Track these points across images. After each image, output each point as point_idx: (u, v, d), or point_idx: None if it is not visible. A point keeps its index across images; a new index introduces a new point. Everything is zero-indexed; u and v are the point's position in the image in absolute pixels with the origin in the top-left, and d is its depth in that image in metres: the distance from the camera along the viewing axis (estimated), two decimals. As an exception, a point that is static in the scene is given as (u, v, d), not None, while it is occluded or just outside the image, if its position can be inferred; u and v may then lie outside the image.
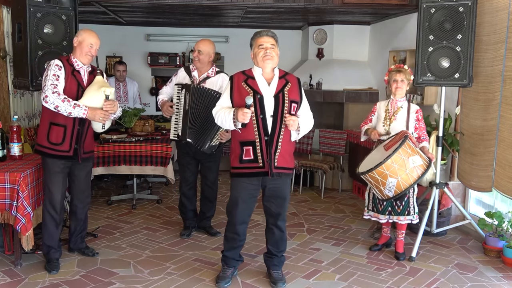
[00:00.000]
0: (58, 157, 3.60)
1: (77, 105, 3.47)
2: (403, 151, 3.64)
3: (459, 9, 4.04)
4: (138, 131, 5.52)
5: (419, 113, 4.01)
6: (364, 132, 4.20)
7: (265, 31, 3.32)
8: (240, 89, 3.26)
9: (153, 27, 7.87)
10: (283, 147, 3.26)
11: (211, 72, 4.26)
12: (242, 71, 3.38)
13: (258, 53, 3.26)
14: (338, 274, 3.70)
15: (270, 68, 3.30)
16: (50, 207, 3.63)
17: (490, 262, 4.00)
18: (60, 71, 3.50)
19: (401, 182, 3.67)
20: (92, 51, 3.60)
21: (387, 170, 3.63)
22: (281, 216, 3.43)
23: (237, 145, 3.31)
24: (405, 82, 4.00)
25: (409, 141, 3.70)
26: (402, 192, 3.71)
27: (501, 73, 3.94)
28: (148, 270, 3.72)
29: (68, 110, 3.44)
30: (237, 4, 5.19)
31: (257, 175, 3.28)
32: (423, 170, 3.70)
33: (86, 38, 3.57)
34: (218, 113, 3.33)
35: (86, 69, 3.66)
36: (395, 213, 3.99)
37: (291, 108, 3.26)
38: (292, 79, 3.35)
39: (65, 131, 3.57)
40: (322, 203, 5.79)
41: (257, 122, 3.22)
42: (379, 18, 6.44)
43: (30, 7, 3.95)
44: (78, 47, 3.57)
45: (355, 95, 6.65)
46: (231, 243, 3.49)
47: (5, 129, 4.02)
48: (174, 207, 5.40)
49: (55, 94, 3.41)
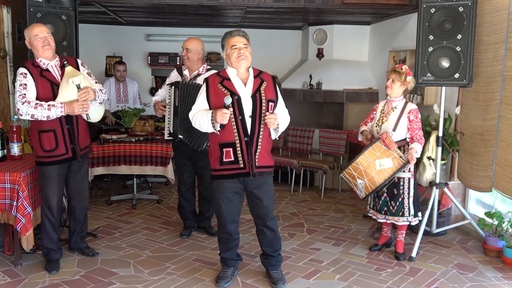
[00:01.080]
0: (56, 162, 3.55)
1: (52, 105, 3.37)
2: (369, 153, 3.75)
3: (459, 9, 4.04)
4: (138, 131, 5.52)
5: (412, 113, 3.90)
6: (360, 133, 4.21)
7: (236, 31, 3.29)
8: (217, 90, 3.24)
9: (153, 27, 7.87)
10: (263, 146, 3.27)
11: (201, 69, 4.27)
12: (216, 73, 3.37)
13: (232, 53, 3.23)
14: (338, 274, 3.70)
15: (244, 68, 3.28)
16: (47, 211, 3.63)
17: (490, 262, 4.00)
18: (26, 78, 3.40)
19: (368, 184, 3.79)
20: (45, 41, 3.43)
21: (354, 171, 3.79)
22: (269, 216, 3.41)
23: (216, 147, 3.28)
24: (396, 82, 3.92)
25: (380, 144, 3.75)
26: (370, 193, 3.83)
27: (501, 73, 3.93)
28: (148, 270, 3.72)
29: (45, 114, 3.36)
30: (237, 4, 5.19)
31: (239, 176, 3.28)
32: (391, 172, 3.75)
33: (29, 34, 3.46)
34: (195, 116, 3.29)
35: (55, 64, 3.54)
36: (390, 213, 3.99)
37: (269, 107, 3.26)
38: (267, 78, 3.34)
39: (55, 135, 3.51)
40: (322, 203, 5.79)
41: (236, 123, 3.20)
42: (379, 18, 6.44)
43: (30, 7, 3.95)
44: (32, 47, 3.47)
45: (355, 95, 6.65)
46: (226, 244, 3.49)
47: (5, 129, 4.02)
48: (174, 207, 5.40)
49: (25, 104, 3.33)
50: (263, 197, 3.35)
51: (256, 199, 3.37)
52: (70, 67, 3.54)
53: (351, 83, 6.73)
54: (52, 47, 3.50)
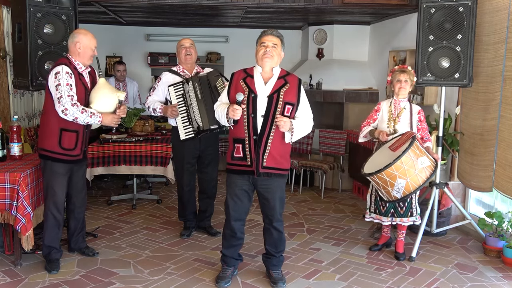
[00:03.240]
0: (71, 161, 3.63)
1: (93, 113, 3.50)
2: (412, 152, 3.61)
3: (459, 9, 4.04)
4: (138, 131, 5.52)
5: (421, 113, 3.99)
6: (367, 133, 4.14)
7: (271, 31, 3.30)
8: (237, 86, 3.29)
9: (153, 27, 7.87)
10: (273, 147, 3.25)
11: (198, 68, 4.34)
12: (243, 69, 3.38)
13: (259, 51, 3.26)
14: (338, 274, 3.70)
15: (269, 67, 3.28)
16: (54, 208, 3.63)
17: (490, 262, 4.00)
18: (71, 79, 3.48)
19: (410, 183, 3.64)
20: (94, 55, 3.62)
21: (396, 171, 3.60)
22: (275, 218, 3.41)
23: (231, 141, 3.35)
24: (409, 82, 3.97)
25: (417, 142, 3.69)
26: (411, 193, 3.68)
27: (501, 73, 3.94)
28: (148, 270, 3.72)
29: (86, 120, 3.47)
30: (237, 4, 5.19)
31: (246, 173, 3.30)
32: (431, 170, 3.68)
33: (89, 43, 3.57)
34: (217, 108, 3.41)
35: (86, 70, 3.66)
36: (397, 215, 3.99)
37: (285, 110, 3.24)
38: (292, 80, 3.32)
39: (77, 136, 3.61)
40: (322, 203, 5.79)
41: (247, 120, 3.23)
42: (379, 18, 6.45)
43: (30, 7, 3.94)
44: (82, 52, 3.55)
45: (355, 95, 6.65)
46: (229, 241, 3.49)
47: (5, 129, 4.02)
48: (174, 207, 5.40)
49: (75, 106, 3.41)
50: (270, 198, 3.36)
51: (263, 199, 3.39)
52: (104, 79, 3.71)
53: (351, 83, 6.74)
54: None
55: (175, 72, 4.30)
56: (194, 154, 4.28)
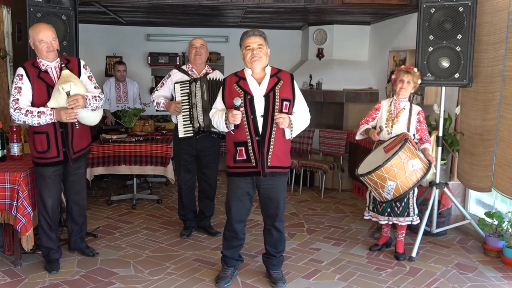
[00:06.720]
0: (49, 164, 3.53)
1: (42, 112, 3.33)
2: (402, 154, 3.62)
3: (459, 9, 4.04)
4: (138, 131, 5.52)
5: (421, 114, 3.98)
6: (364, 131, 4.15)
7: (252, 31, 3.28)
8: (232, 90, 3.28)
9: (153, 27, 7.87)
10: (276, 146, 3.26)
11: (207, 69, 4.33)
12: (234, 73, 3.38)
13: (246, 55, 3.25)
14: (338, 274, 3.71)
15: (259, 69, 3.28)
16: (42, 210, 3.62)
17: (490, 262, 4.00)
18: (22, 81, 3.37)
19: (400, 186, 3.66)
20: (49, 47, 3.39)
21: (386, 173, 3.62)
22: (278, 217, 3.42)
23: (231, 145, 3.32)
24: (411, 84, 3.96)
25: (409, 144, 3.69)
26: (401, 195, 3.70)
27: (501, 73, 3.94)
28: (148, 270, 3.72)
29: (35, 121, 3.34)
30: (237, 4, 5.19)
31: (250, 174, 3.29)
32: (422, 173, 3.68)
33: (34, 36, 3.38)
34: (213, 115, 3.37)
35: (55, 65, 3.48)
36: (394, 214, 3.99)
37: (283, 107, 3.24)
38: (284, 77, 3.32)
39: (48, 137, 3.47)
40: (322, 203, 5.79)
41: (247, 122, 3.22)
42: (379, 18, 6.44)
43: (30, 7, 3.95)
44: (35, 49, 3.42)
45: (355, 95, 6.65)
46: (230, 242, 3.49)
47: (5, 129, 4.02)
48: (174, 207, 5.40)
49: (16, 110, 3.33)
50: (273, 198, 3.36)
51: (267, 199, 3.38)
52: (67, 71, 3.43)
53: (351, 83, 6.73)
54: (56, 51, 3.46)
55: (183, 71, 4.32)
56: (190, 152, 4.30)
